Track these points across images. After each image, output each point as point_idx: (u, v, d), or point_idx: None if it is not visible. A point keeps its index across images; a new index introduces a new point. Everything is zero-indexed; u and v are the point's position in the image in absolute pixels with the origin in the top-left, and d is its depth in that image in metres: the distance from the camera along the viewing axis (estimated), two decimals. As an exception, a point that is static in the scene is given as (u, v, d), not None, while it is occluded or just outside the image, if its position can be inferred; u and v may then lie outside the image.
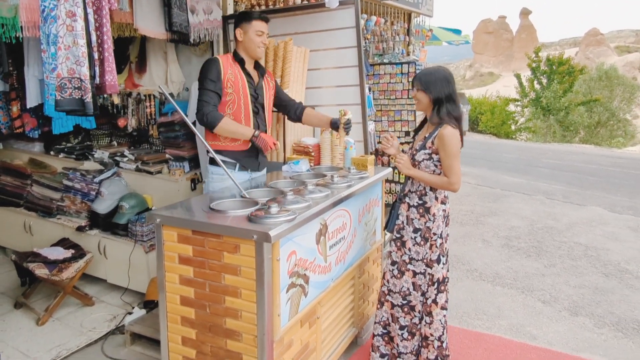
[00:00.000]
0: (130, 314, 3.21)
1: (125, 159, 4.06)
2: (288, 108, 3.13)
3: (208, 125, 2.70)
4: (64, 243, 3.65)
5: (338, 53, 3.60)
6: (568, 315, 3.48)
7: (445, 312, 2.56)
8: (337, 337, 2.71)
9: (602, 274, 4.20)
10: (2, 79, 3.88)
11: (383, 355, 2.67)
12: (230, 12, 3.89)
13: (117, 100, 4.01)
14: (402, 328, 2.56)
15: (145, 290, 3.41)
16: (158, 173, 3.89)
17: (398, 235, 2.57)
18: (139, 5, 3.09)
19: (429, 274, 2.48)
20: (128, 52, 4.24)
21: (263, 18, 2.85)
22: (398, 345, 2.58)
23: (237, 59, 2.85)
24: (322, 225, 2.36)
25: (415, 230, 2.50)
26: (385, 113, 5.23)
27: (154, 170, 3.89)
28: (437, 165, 2.45)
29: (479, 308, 3.57)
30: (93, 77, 2.36)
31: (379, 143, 4.62)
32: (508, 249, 4.79)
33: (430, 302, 2.49)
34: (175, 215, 2.15)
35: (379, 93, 5.23)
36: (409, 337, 2.56)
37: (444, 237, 2.51)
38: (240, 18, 2.85)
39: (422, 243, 2.48)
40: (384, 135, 2.69)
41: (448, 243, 2.56)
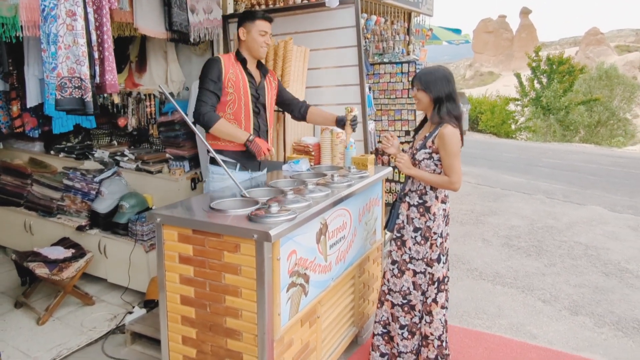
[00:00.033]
0: (131, 314, 3.21)
1: (126, 159, 4.06)
2: (292, 107, 3.12)
3: (203, 126, 2.69)
4: (64, 242, 3.65)
5: (338, 52, 3.60)
6: (568, 315, 3.48)
7: (445, 311, 2.56)
8: (337, 336, 2.71)
9: (602, 273, 4.20)
10: (2, 79, 3.88)
11: (383, 355, 2.67)
12: (230, 11, 3.89)
13: (117, 100, 4.02)
14: (402, 327, 2.56)
15: (146, 290, 3.41)
16: (158, 172, 3.90)
17: (398, 235, 2.57)
18: (139, 5, 3.09)
19: (429, 273, 2.49)
20: (128, 51, 4.24)
21: (267, 18, 2.82)
22: (398, 345, 2.58)
23: (239, 59, 2.83)
24: (322, 225, 2.36)
25: (416, 230, 2.50)
26: (386, 112, 5.24)
27: (154, 170, 3.89)
28: (437, 165, 2.45)
29: (479, 307, 3.57)
30: (93, 76, 2.36)
31: (379, 142, 4.62)
32: (508, 248, 4.79)
33: (431, 301, 2.49)
34: (176, 215, 2.15)
35: (379, 92, 5.23)
36: (409, 336, 2.56)
37: (444, 236, 2.51)
38: (244, 17, 2.82)
39: (422, 242, 2.48)
40: (384, 135, 2.69)
41: (448, 242, 2.56)
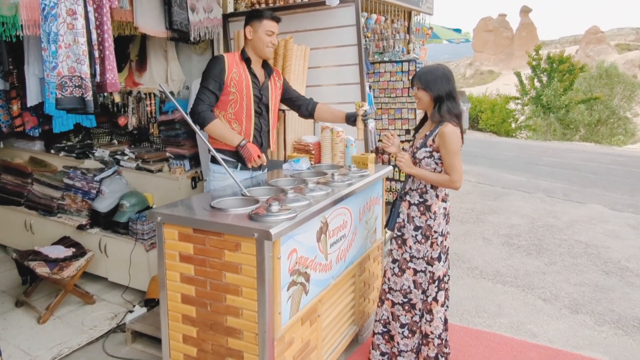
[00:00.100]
0: (131, 312, 3.21)
1: (126, 158, 4.06)
2: (299, 104, 3.09)
3: (198, 124, 2.68)
4: (65, 241, 3.65)
5: (338, 51, 3.60)
6: (568, 313, 3.48)
7: (446, 309, 2.57)
8: (337, 335, 2.71)
9: (602, 272, 4.20)
10: (2, 77, 3.89)
11: (383, 354, 2.68)
12: (231, 10, 3.89)
13: (117, 99, 4.02)
14: (402, 326, 2.56)
15: (146, 289, 3.42)
16: (159, 171, 3.90)
17: (399, 233, 2.57)
18: (139, 4, 3.09)
19: (430, 272, 2.49)
20: (128, 50, 4.25)
21: (274, 18, 2.78)
22: (399, 344, 2.58)
23: (243, 58, 2.79)
24: (322, 223, 2.36)
25: (416, 228, 2.50)
26: (386, 111, 5.24)
27: (155, 169, 3.89)
28: (437, 163, 2.45)
29: (480, 306, 3.58)
30: (94, 75, 2.37)
31: (380, 141, 4.62)
32: (508, 247, 4.79)
33: (431, 299, 2.50)
34: (176, 214, 2.16)
35: (380, 91, 5.23)
36: (410, 335, 2.56)
37: (445, 234, 2.51)
38: (251, 16, 2.78)
39: (423, 241, 2.48)
40: (385, 134, 2.69)
41: (449, 241, 2.56)
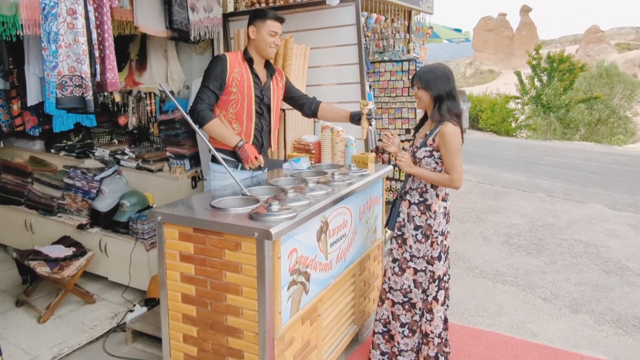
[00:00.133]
0: (132, 312, 3.21)
1: (126, 157, 4.06)
2: (302, 103, 3.08)
3: (197, 122, 2.68)
4: (65, 241, 3.66)
5: (338, 51, 3.60)
6: (568, 313, 3.48)
7: (446, 308, 2.57)
8: (338, 334, 2.71)
9: (602, 271, 4.20)
10: (2, 77, 3.89)
11: (383, 354, 2.68)
12: (231, 9, 3.89)
13: (118, 98, 4.02)
14: (402, 325, 2.56)
15: (147, 288, 3.42)
16: (159, 171, 3.90)
17: (399, 233, 2.57)
18: (139, 3, 3.09)
19: (430, 271, 2.49)
20: (128, 50, 4.25)
21: (278, 18, 2.76)
22: (399, 343, 2.59)
23: (246, 58, 2.78)
24: (323, 223, 2.36)
25: (416, 228, 2.50)
26: (386, 110, 5.24)
27: (155, 168, 3.89)
28: (438, 163, 2.45)
29: (480, 305, 3.58)
30: (94, 74, 2.37)
31: (380, 141, 4.61)
32: (508, 247, 4.79)
33: (431, 299, 2.50)
34: (177, 213, 2.16)
35: (380, 91, 5.23)
36: (410, 334, 2.56)
37: (445, 234, 2.51)
38: (255, 16, 2.76)
39: (423, 240, 2.49)
40: (385, 133, 2.69)
41: (449, 240, 2.56)
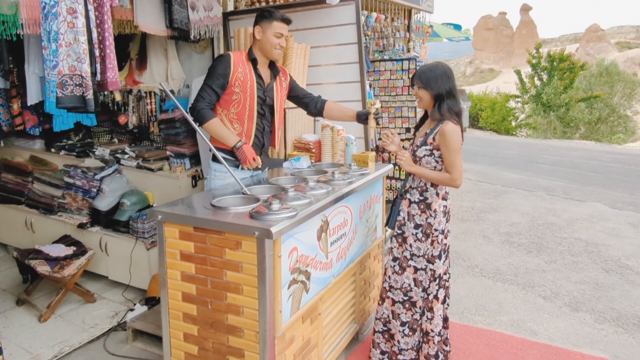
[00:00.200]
0: (132, 311, 3.21)
1: (126, 156, 4.06)
2: (306, 102, 3.07)
3: (196, 120, 2.68)
4: (66, 240, 3.66)
5: (338, 50, 3.60)
6: (569, 311, 3.48)
7: (446, 307, 2.57)
8: (338, 333, 2.72)
9: (602, 270, 4.20)
10: (2, 76, 3.88)
11: (383, 353, 2.68)
12: (231, 8, 3.89)
13: (118, 97, 4.02)
14: (403, 324, 2.57)
15: (147, 287, 3.42)
16: (159, 170, 3.90)
17: (399, 232, 2.57)
18: (140, 2, 3.09)
19: (431, 270, 2.49)
20: (128, 49, 4.24)
21: (285, 20, 2.73)
22: (399, 342, 2.59)
23: (250, 58, 2.76)
24: (323, 222, 2.36)
25: (417, 226, 2.50)
26: (386, 109, 5.23)
27: (155, 167, 3.90)
28: (438, 162, 2.45)
29: (480, 304, 3.58)
30: (94, 74, 2.37)
31: (380, 140, 4.62)
32: (509, 245, 4.79)
33: (432, 297, 2.50)
34: (177, 212, 2.16)
35: (380, 89, 5.23)
36: (410, 333, 2.57)
37: (445, 233, 2.52)
38: (261, 16, 2.73)
39: (423, 239, 2.49)
40: (384, 132, 2.69)
41: (449, 239, 2.57)
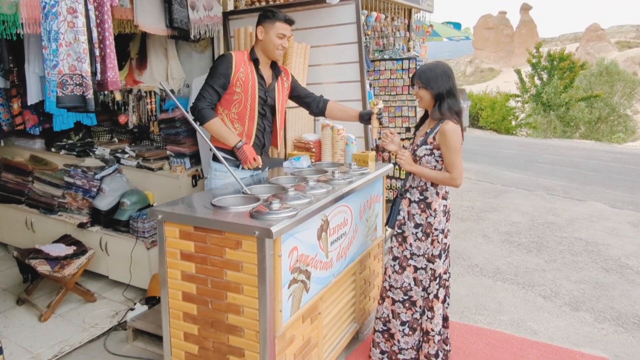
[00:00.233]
0: (132, 310, 3.21)
1: (126, 156, 4.06)
2: (308, 102, 3.06)
3: (197, 120, 2.68)
4: (66, 240, 3.66)
5: (339, 49, 3.60)
6: (569, 310, 3.48)
7: (446, 306, 2.57)
8: (338, 332, 2.72)
9: (602, 269, 4.21)
10: (2, 76, 3.88)
11: (383, 352, 2.68)
12: (231, 8, 3.89)
13: (118, 97, 4.02)
14: (403, 324, 2.57)
15: (147, 287, 3.43)
16: (159, 169, 3.90)
17: (399, 231, 2.58)
18: (140, 2, 3.09)
19: (431, 269, 2.49)
20: (128, 48, 4.24)
21: (288, 20, 2.72)
22: (399, 342, 2.59)
23: (252, 58, 2.76)
24: (323, 221, 2.36)
25: (417, 226, 2.50)
26: (386, 109, 5.23)
27: (155, 167, 3.90)
28: (438, 161, 2.45)
29: (480, 303, 3.58)
30: (94, 73, 2.37)
31: (379, 139, 4.61)
32: (509, 245, 4.80)
33: (432, 297, 2.50)
34: (177, 212, 2.16)
35: (380, 89, 5.23)
36: (410, 332, 2.57)
37: (445, 232, 2.52)
38: (264, 16, 2.72)
39: (423, 238, 2.49)
40: (384, 132, 2.69)
41: (449, 238, 2.57)
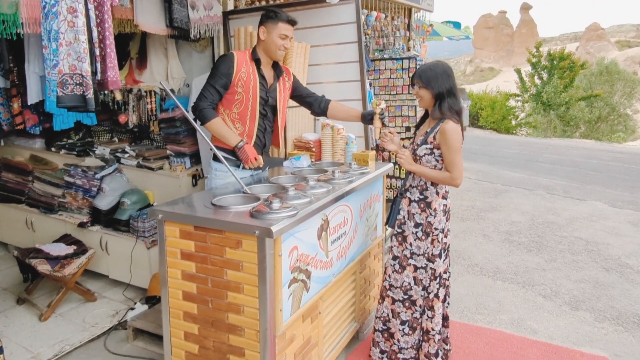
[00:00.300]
0: (133, 310, 3.22)
1: (127, 155, 4.07)
2: (310, 102, 3.06)
3: (199, 119, 2.68)
4: (66, 239, 3.66)
5: (339, 48, 3.60)
6: (569, 310, 3.49)
7: (446, 306, 2.57)
8: (338, 331, 2.72)
9: (602, 269, 4.21)
10: (2, 76, 3.88)
11: (383, 352, 2.69)
12: (231, 7, 3.89)
13: (118, 97, 4.02)
14: (403, 323, 2.57)
15: (147, 286, 3.43)
16: (159, 169, 3.90)
17: (399, 230, 2.58)
18: (140, 1, 3.09)
19: (431, 269, 2.49)
20: (128, 48, 4.24)
21: (290, 21, 2.72)
22: (399, 341, 2.59)
23: (254, 58, 2.75)
24: (323, 221, 2.36)
25: (417, 225, 2.50)
26: (386, 109, 5.22)
27: (155, 167, 3.90)
28: (438, 160, 2.45)
29: (480, 303, 3.58)
30: (95, 73, 2.36)
31: (379, 139, 4.61)
32: (509, 244, 4.80)
33: (432, 296, 2.50)
34: (177, 211, 2.16)
35: (380, 88, 5.23)
36: (410, 331, 2.57)
37: (445, 231, 2.52)
38: (266, 16, 2.72)
39: (423, 238, 2.49)
40: (383, 131, 2.69)
41: (449, 238, 2.57)
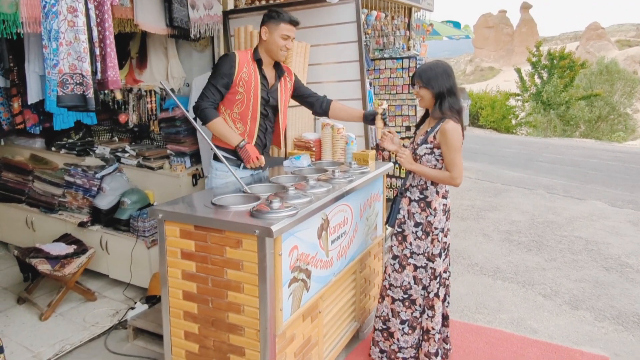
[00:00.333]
0: (133, 309, 3.22)
1: (127, 155, 4.07)
2: (312, 102, 3.06)
3: (200, 119, 2.68)
4: (66, 239, 3.66)
5: (339, 48, 3.60)
6: (569, 309, 3.49)
7: (446, 305, 2.58)
8: (338, 331, 2.72)
9: (602, 268, 4.21)
10: (3, 75, 3.88)
11: (383, 351, 2.69)
12: (231, 7, 3.89)
13: (118, 96, 4.02)
14: (402, 322, 2.57)
15: (148, 286, 3.43)
16: (159, 169, 3.91)
17: (399, 230, 2.58)
18: (140, 1, 3.09)
19: (431, 268, 2.49)
20: (128, 47, 4.24)
21: (293, 22, 2.72)
22: (399, 340, 2.59)
23: (255, 58, 2.75)
24: (323, 220, 2.36)
25: (417, 225, 2.51)
26: (388, 109, 5.23)
27: (155, 166, 3.90)
28: (438, 160, 2.45)
29: (480, 302, 3.59)
30: (95, 72, 2.36)
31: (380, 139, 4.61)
32: (509, 243, 4.80)
33: (433, 295, 2.50)
34: (178, 211, 2.16)
35: (380, 88, 5.23)
36: (410, 331, 2.57)
37: (445, 231, 2.52)
38: (269, 16, 2.71)
39: (423, 237, 2.49)
40: (383, 131, 2.70)
41: (449, 237, 2.57)
